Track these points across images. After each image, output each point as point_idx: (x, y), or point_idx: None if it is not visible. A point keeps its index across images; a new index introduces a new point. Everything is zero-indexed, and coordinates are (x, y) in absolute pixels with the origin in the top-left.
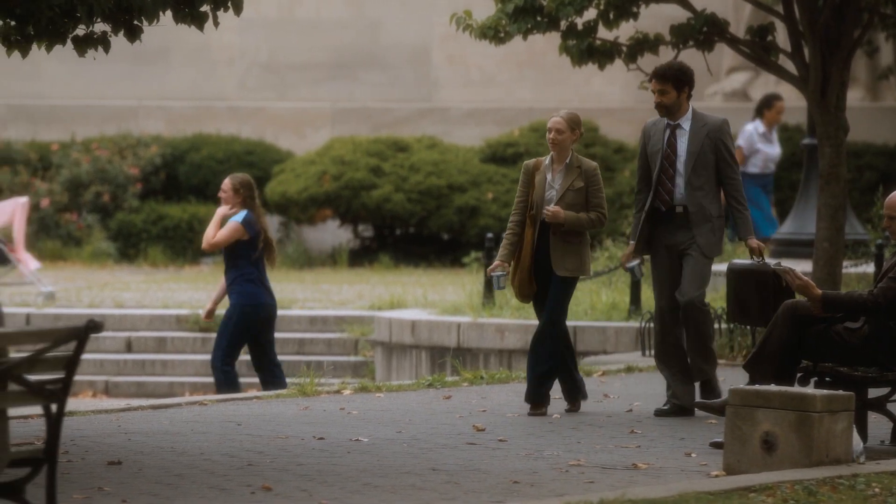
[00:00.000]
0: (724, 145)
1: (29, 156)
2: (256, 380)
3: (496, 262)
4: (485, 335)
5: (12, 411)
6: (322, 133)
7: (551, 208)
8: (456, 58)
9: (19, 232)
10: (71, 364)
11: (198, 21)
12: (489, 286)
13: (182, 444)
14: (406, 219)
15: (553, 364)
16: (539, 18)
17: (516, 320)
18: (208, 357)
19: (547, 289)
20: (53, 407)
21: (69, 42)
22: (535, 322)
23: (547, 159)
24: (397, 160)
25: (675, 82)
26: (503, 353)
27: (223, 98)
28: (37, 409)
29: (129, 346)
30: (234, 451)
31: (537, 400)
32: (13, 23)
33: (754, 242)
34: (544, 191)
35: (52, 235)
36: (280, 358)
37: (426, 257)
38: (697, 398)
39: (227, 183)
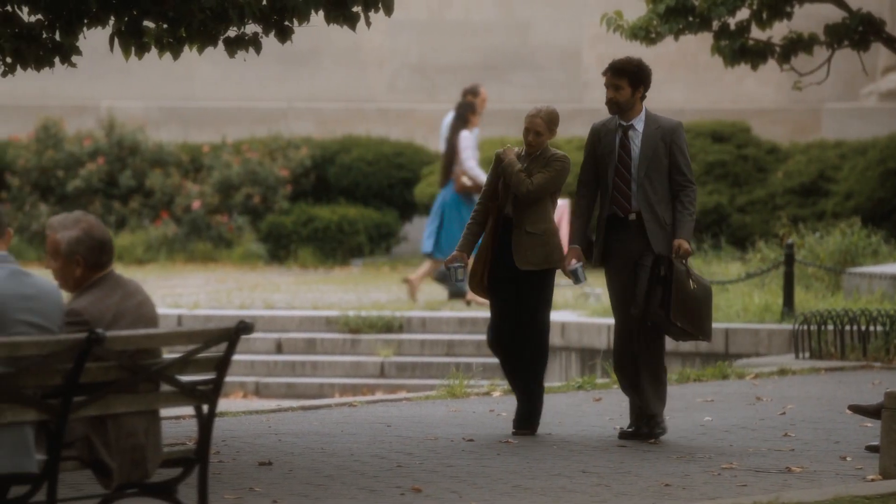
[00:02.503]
0: (678, 149)
1: (180, 158)
2: (401, 381)
3: (454, 253)
4: None
5: (164, 412)
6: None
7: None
8: (606, 58)
9: None
10: (222, 365)
11: (349, 21)
12: (443, 279)
13: (332, 445)
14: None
15: (541, 365)
16: (691, 19)
17: None
18: (358, 358)
19: (513, 284)
20: (205, 408)
21: (220, 44)
22: None
23: (518, 149)
24: None
25: (631, 79)
26: None
27: (373, 100)
28: (188, 410)
29: (279, 348)
30: (383, 453)
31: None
32: (165, 25)
33: (678, 242)
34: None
35: (202, 237)
36: (429, 359)
37: None
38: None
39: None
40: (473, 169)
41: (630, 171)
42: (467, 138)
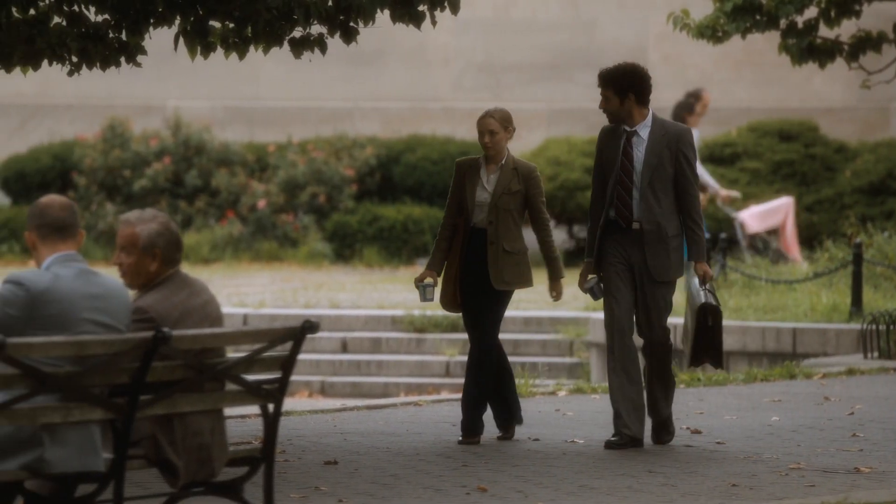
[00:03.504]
0: (684, 157)
1: (246, 157)
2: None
3: (423, 272)
4: None
5: (230, 411)
6: (537, 134)
7: (555, 295)
8: (672, 57)
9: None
10: (287, 364)
11: (415, 21)
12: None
13: (397, 444)
14: None
15: (488, 387)
16: (758, 17)
17: (734, 322)
18: (423, 357)
19: (478, 300)
20: (270, 407)
21: (286, 44)
22: (756, 324)
23: (480, 159)
24: None
25: (616, 87)
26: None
27: (438, 99)
28: (254, 409)
29: (344, 347)
30: (449, 452)
31: (473, 430)
32: (231, 25)
33: (702, 269)
34: (475, 193)
35: (268, 236)
36: None
37: None
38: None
39: None
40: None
41: (632, 180)
42: None
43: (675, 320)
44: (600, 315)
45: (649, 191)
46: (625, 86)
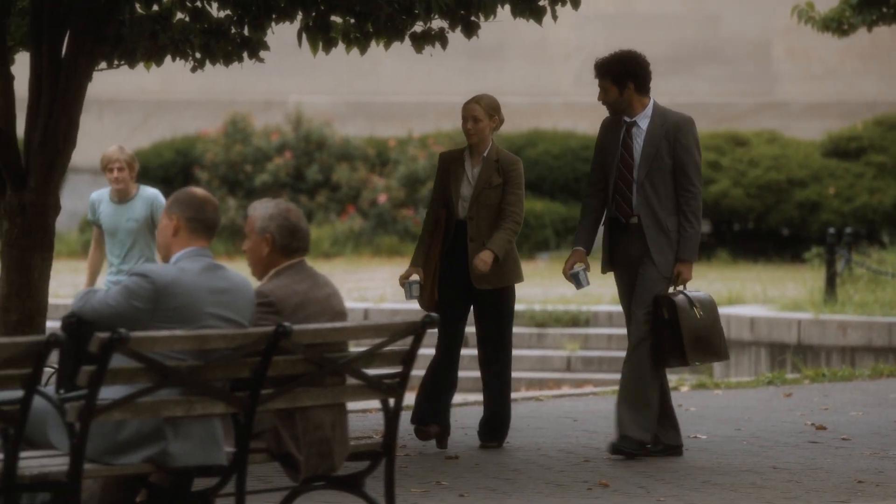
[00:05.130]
0: (683, 149)
1: (367, 152)
2: (587, 375)
3: (408, 269)
4: (826, 332)
5: (351, 405)
6: None
7: (478, 261)
8: (797, 51)
9: None
10: (408, 359)
11: (536, 15)
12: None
13: (518, 439)
14: (744, 214)
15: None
16: (885, 10)
17: (859, 317)
18: (544, 352)
19: (464, 300)
20: (391, 401)
21: (407, 39)
22: (882, 319)
23: (465, 151)
24: (736, 155)
25: (614, 77)
26: (845, 350)
27: (559, 94)
28: (375, 404)
29: (465, 342)
30: (570, 447)
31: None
32: (353, 20)
33: (678, 268)
34: (460, 187)
35: (388, 231)
36: (616, 354)
37: (765, 252)
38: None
39: None
40: None
41: (631, 173)
42: None
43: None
44: (724, 310)
45: (647, 183)
46: (623, 74)
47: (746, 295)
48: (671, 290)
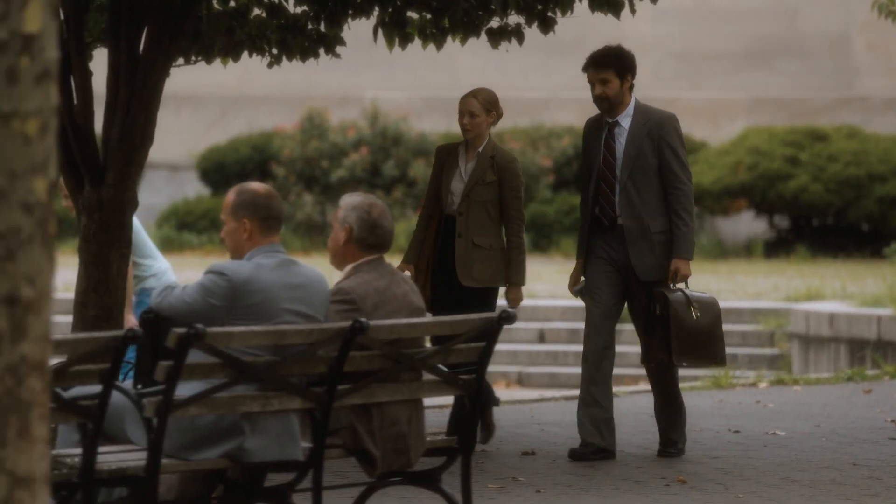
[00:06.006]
0: (668, 146)
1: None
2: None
3: (400, 265)
4: None
5: (428, 401)
6: (737, 123)
7: (511, 304)
8: (877, 45)
9: None
10: (484, 355)
11: (614, 10)
12: None
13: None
14: (823, 209)
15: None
16: None
17: None
18: (621, 348)
19: (448, 295)
20: (467, 397)
21: (483, 34)
22: None
23: (461, 145)
24: (814, 150)
25: (617, 69)
26: None
27: (636, 88)
28: (452, 400)
29: (541, 337)
30: (647, 444)
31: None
32: (429, 16)
33: (675, 265)
34: (452, 181)
35: None
36: None
37: (844, 248)
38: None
39: None
40: None
41: (614, 174)
42: None
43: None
44: (803, 306)
45: (630, 184)
46: (625, 67)
47: (826, 291)
48: (671, 286)
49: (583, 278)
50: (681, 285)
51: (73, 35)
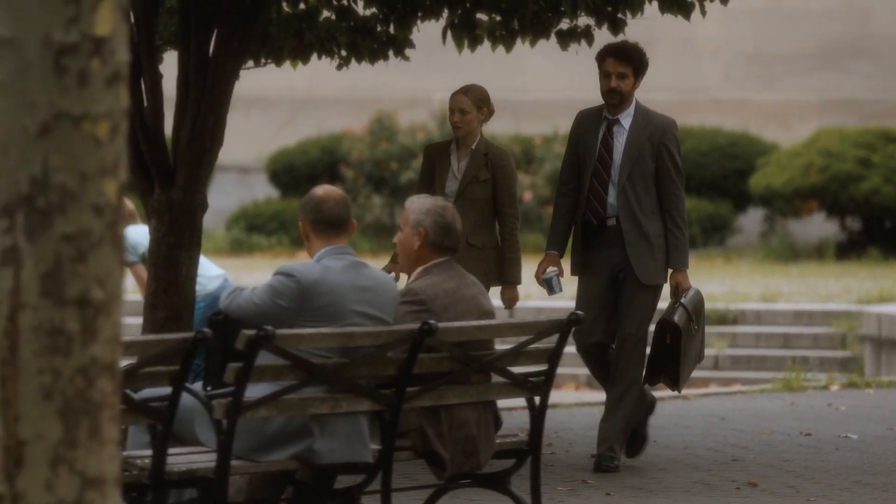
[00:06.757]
0: (667, 152)
1: (512, 149)
2: (735, 373)
3: (388, 265)
4: None
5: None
6: (808, 125)
7: (507, 304)
8: None
9: None
10: (554, 357)
11: (684, 12)
12: None
13: (665, 438)
14: (895, 211)
15: None
16: None
17: None
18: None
19: None
20: (537, 399)
21: (552, 36)
22: None
23: (452, 144)
24: (886, 151)
25: (635, 66)
26: None
27: (706, 90)
28: (521, 402)
29: None
30: (717, 446)
31: None
32: (498, 18)
33: (676, 279)
34: (446, 182)
35: (534, 229)
36: (764, 352)
37: None
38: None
39: None
40: None
41: (609, 173)
42: None
43: None
44: (875, 308)
45: (628, 186)
46: (642, 66)
47: (894, 292)
48: (674, 304)
49: (552, 267)
50: (682, 299)
51: (143, 38)
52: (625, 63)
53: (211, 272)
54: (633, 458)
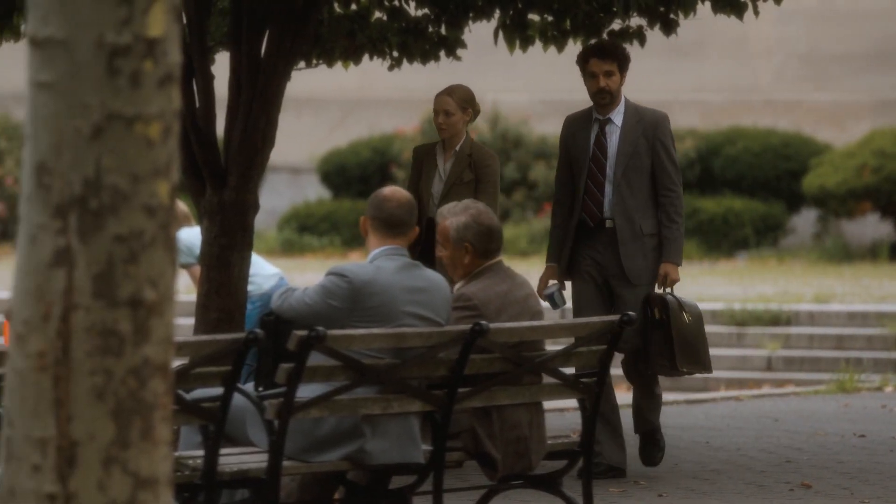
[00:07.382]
0: (662, 147)
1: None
2: (788, 375)
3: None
4: None
5: (549, 404)
6: (862, 125)
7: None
8: None
9: None
10: (606, 358)
11: (737, 12)
12: None
13: (718, 439)
14: None
15: None
16: None
17: None
18: (744, 352)
19: None
20: (589, 401)
21: (604, 36)
22: None
23: (438, 145)
24: None
25: (620, 63)
26: None
27: (759, 90)
28: (573, 403)
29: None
30: (771, 448)
31: None
32: (550, 18)
33: (665, 269)
34: (432, 183)
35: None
36: (817, 353)
37: None
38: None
39: None
40: None
41: (604, 172)
42: None
43: None
44: None
45: (623, 182)
46: (626, 62)
47: None
48: (662, 291)
49: (553, 281)
50: (668, 290)
51: (195, 39)
52: (609, 60)
53: (266, 271)
54: (654, 467)
